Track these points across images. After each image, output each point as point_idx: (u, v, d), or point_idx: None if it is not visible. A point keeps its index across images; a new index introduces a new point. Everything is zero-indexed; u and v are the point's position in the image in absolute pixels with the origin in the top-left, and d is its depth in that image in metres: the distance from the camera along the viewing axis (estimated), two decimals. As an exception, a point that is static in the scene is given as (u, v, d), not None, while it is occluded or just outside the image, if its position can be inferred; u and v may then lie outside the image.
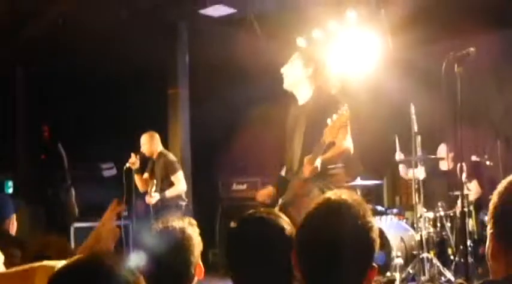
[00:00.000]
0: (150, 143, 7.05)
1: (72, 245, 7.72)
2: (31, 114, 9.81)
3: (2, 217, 3.52)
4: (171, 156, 7.14)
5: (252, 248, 2.10)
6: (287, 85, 4.39)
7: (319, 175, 4.08)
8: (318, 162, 4.00)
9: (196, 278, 2.36)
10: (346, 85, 6.40)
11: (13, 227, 3.59)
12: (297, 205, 4.11)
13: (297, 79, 4.35)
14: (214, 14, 7.76)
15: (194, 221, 2.45)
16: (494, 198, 1.61)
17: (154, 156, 7.09)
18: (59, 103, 9.35)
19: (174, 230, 2.34)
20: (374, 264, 1.81)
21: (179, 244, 2.31)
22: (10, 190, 9.64)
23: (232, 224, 2.20)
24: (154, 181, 6.93)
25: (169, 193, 6.86)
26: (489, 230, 1.61)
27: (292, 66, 4.37)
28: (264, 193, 4.64)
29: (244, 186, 9.13)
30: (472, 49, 4.13)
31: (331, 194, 1.87)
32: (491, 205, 1.62)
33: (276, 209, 4.21)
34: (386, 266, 6.82)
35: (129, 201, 7.15)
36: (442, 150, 7.28)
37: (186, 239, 2.33)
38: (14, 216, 3.60)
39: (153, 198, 6.80)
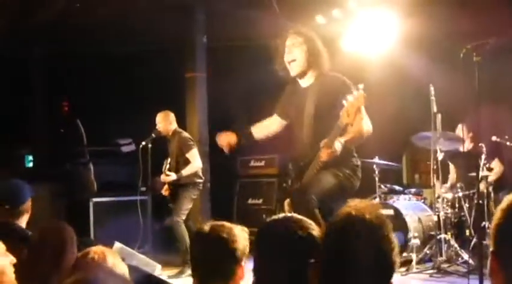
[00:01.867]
0: (165, 121, 7.14)
1: (91, 220, 7.84)
2: (50, 90, 9.86)
3: (17, 203, 3.52)
4: (185, 134, 7.21)
5: (277, 249, 2.12)
6: (294, 72, 4.35)
7: (335, 161, 4.05)
8: (337, 146, 3.96)
9: None
10: (364, 64, 6.34)
11: (28, 213, 3.58)
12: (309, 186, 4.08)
13: (303, 66, 4.30)
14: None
15: None
16: (497, 215, 1.47)
17: (170, 134, 7.16)
18: (79, 80, 9.40)
19: None
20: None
21: None
22: (30, 164, 9.77)
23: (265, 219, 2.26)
24: (169, 159, 6.99)
25: (185, 171, 6.93)
26: (490, 248, 1.48)
27: (297, 52, 4.30)
28: (224, 138, 4.62)
29: (262, 163, 9.10)
30: (492, 39, 4.07)
31: (353, 209, 1.84)
32: (493, 223, 1.48)
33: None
34: (403, 246, 6.80)
35: (146, 178, 7.21)
36: (460, 131, 7.17)
37: None
38: (29, 201, 3.59)
39: (169, 176, 6.86)
